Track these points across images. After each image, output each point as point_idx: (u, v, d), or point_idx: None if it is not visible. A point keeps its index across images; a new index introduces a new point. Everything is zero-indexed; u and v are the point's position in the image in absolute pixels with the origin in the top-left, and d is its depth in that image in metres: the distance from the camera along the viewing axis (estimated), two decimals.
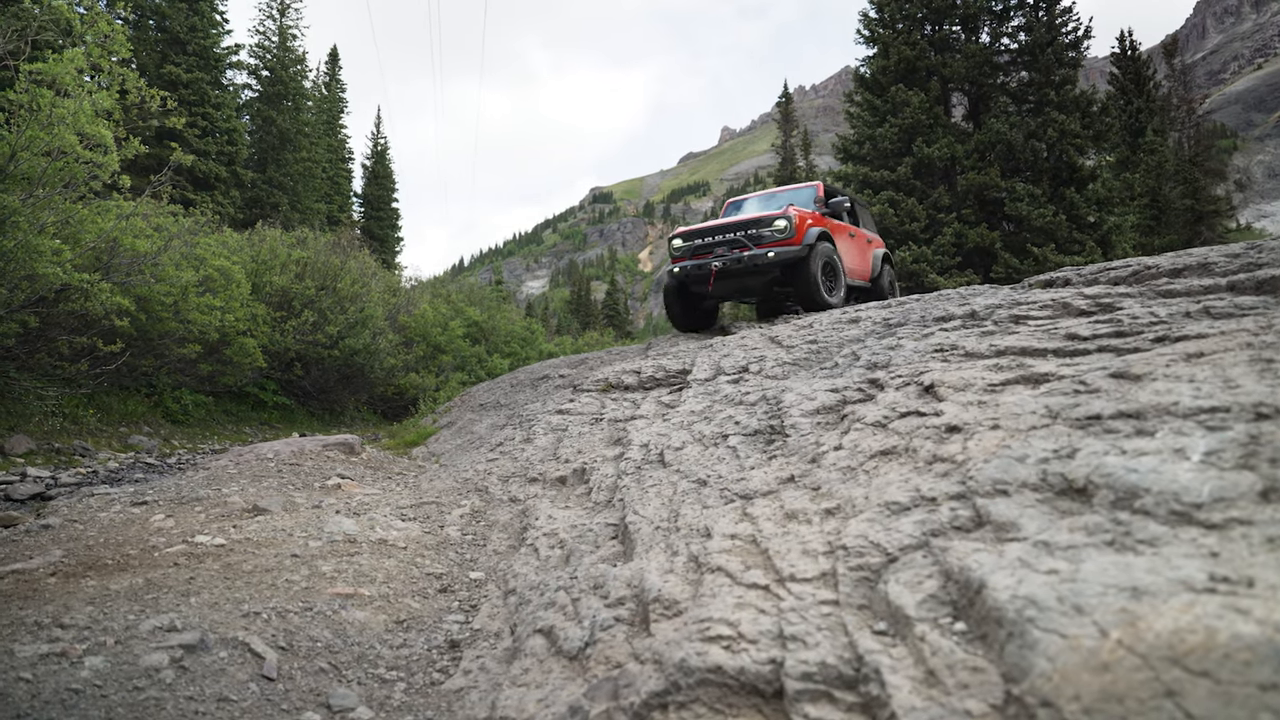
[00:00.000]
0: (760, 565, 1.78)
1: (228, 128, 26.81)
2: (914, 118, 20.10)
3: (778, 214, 8.02)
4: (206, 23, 25.92)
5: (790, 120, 41.72)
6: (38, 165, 6.83)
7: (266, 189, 30.03)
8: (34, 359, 8.38)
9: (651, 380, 5.66)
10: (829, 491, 2.08)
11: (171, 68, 24.10)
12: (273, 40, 32.95)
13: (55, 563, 2.76)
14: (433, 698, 2.07)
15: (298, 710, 1.89)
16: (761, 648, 1.42)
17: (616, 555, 2.55)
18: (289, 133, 31.42)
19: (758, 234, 8.03)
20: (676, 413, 4.25)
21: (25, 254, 7.10)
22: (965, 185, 19.57)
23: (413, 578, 2.91)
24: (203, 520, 3.76)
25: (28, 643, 1.96)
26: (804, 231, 7.97)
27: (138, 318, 9.43)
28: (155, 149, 8.25)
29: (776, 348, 5.11)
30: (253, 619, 2.27)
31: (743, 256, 7.88)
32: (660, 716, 1.42)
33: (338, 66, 41.38)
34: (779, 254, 7.75)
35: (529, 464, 4.55)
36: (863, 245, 10.05)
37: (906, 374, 2.85)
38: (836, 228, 8.95)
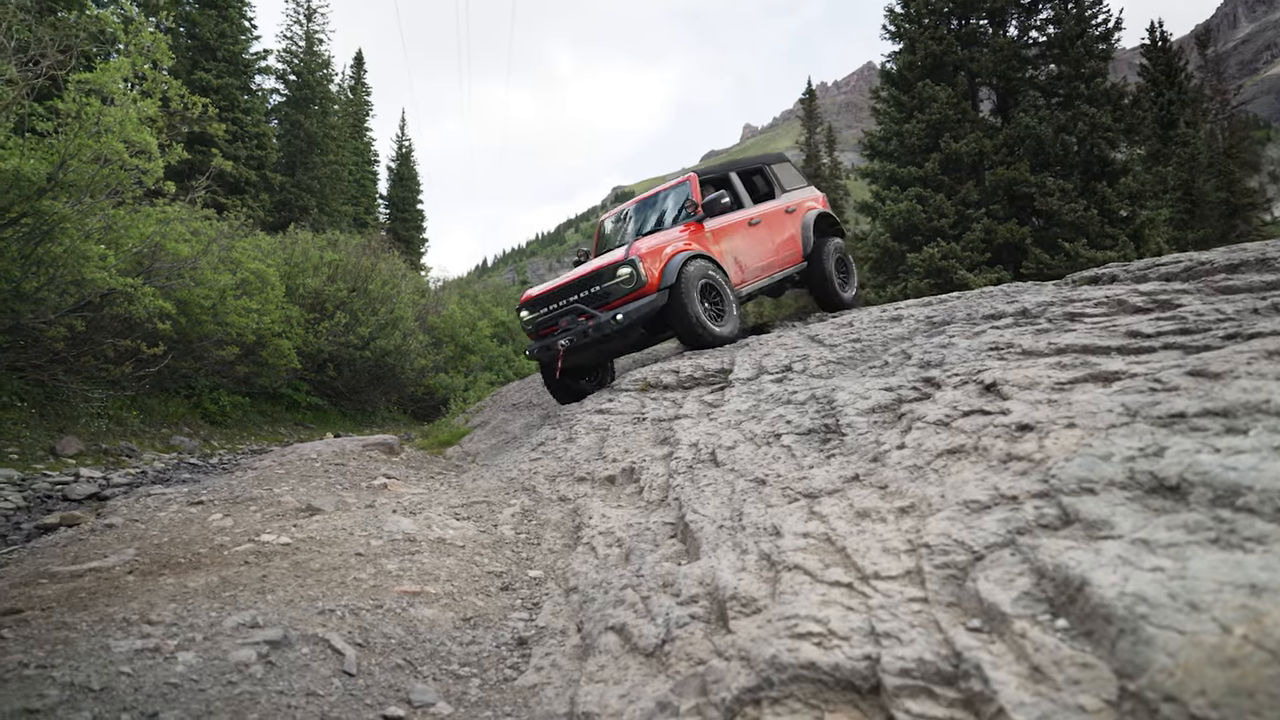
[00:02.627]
0: (840, 563, 1.80)
1: (257, 132, 27.17)
2: (941, 113, 19.94)
3: (620, 258, 6.50)
4: (235, 29, 26.27)
5: (814, 117, 41.53)
6: (86, 172, 6.97)
7: (295, 192, 30.38)
8: (81, 362, 8.56)
9: (690, 379, 5.67)
10: (899, 490, 2.10)
11: (202, 73, 24.44)
12: (299, 45, 33.33)
13: (130, 561, 2.84)
14: (507, 694, 2.10)
15: (380, 705, 1.93)
16: (854, 644, 1.45)
17: (679, 554, 2.57)
18: (316, 136, 31.77)
19: (603, 291, 6.60)
20: (722, 412, 4.27)
21: (74, 259, 7.26)
22: (994, 180, 19.39)
23: (474, 576, 2.96)
24: (259, 520, 3.83)
25: (121, 639, 2.02)
26: (661, 269, 6.49)
27: (178, 321, 9.60)
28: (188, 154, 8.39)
29: (819, 346, 5.11)
30: (328, 616, 2.33)
31: (587, 328, 6.47)
32: (753, 712, 1.45)
33: (362, 70, 41.76)
34: (630, 313, 6.27)
35: (575, 463, 4.59)
36: (778, 225, 8.25)
37: (964, 372, 2.85)
38: (723, 230, 7.50)
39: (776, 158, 9.21)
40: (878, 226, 21.70)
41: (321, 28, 34.36)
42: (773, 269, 8.02)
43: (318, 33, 34.11)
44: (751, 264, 7.71)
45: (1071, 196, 18.50)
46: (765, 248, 7.94)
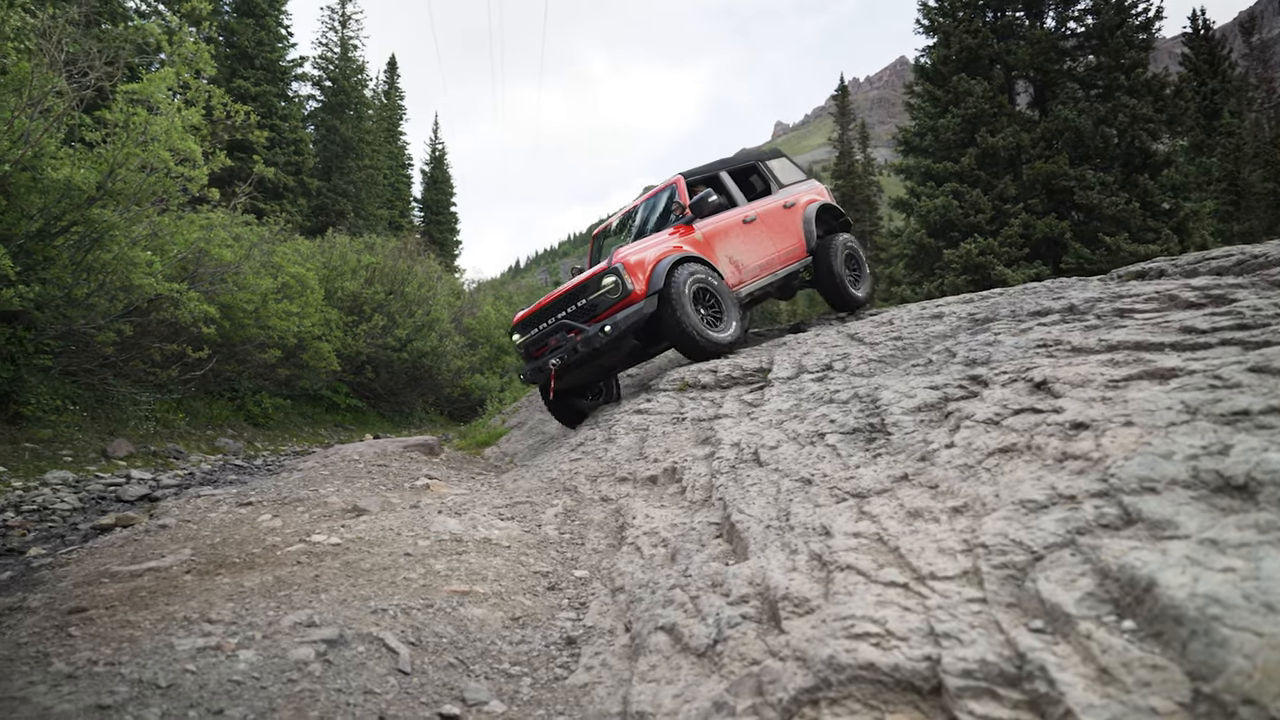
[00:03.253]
0: (894, 563, 1.79)
1: (294, 138, 27.62)
2: (977, 107, 19.70)
3: (603, 268, 6.26)
4: (273, 37, 26.73)
5: (846, 113, 41.22)
6: (133, 181, 7.14)
7: (332, 197, 30.83)
8: (129, 366, 8.77)
9: (729, 379, 5.66)
10: (951, 490, 2.08)
11: (241, 81, 24.90)
12: (334, 51, 33.83)
13: (187, 561, 2.91)
14: (559, 693, 2.12)
15: (435, 703, 1.96)
16: (913, 645, 1.44)
17: (726, 554, 2.57)
18: (352, 141, 32.22)
19: (590, 304, 6.36)
20: (763, 411, 4.26)
21: (122, 266, 7.44)
22: (1032, 175, 19.10)
23: (520, 576, 2.98)
24: (308, 520, 3.90)
25: (184, 637, 2.07)
26: (648, 275, 6.20)
27: (222, 325, 9.80)
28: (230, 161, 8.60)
29: (859, 345, 5.07)
30: (381, 615, 2.36)
31: (576, 344, 6.17)
32: (811, 712, 1.45)
33: (396, 75, 42.25)
34: (619, 324, 5.99)
35: (615, 463, 4.61)
36: (775, 221, 7.87)
37: (1012, 370, 2.82)
38: (715, 230, 7.16)
39: (771, 153, 8.84)
40: (913, 223, 21.49)
41: (356, 34, 34.85)
42: (773, 267, 7.65)
43: (352, 39, 34.60)
44: (749, 263, 7.36)
45: (1112, 189, 18.17)
46: (763, 246, 7.58)
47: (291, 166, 27.40)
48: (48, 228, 7.08)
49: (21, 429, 7.31)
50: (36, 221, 6.94)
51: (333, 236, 17.41)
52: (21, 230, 6.85)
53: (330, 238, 17.25)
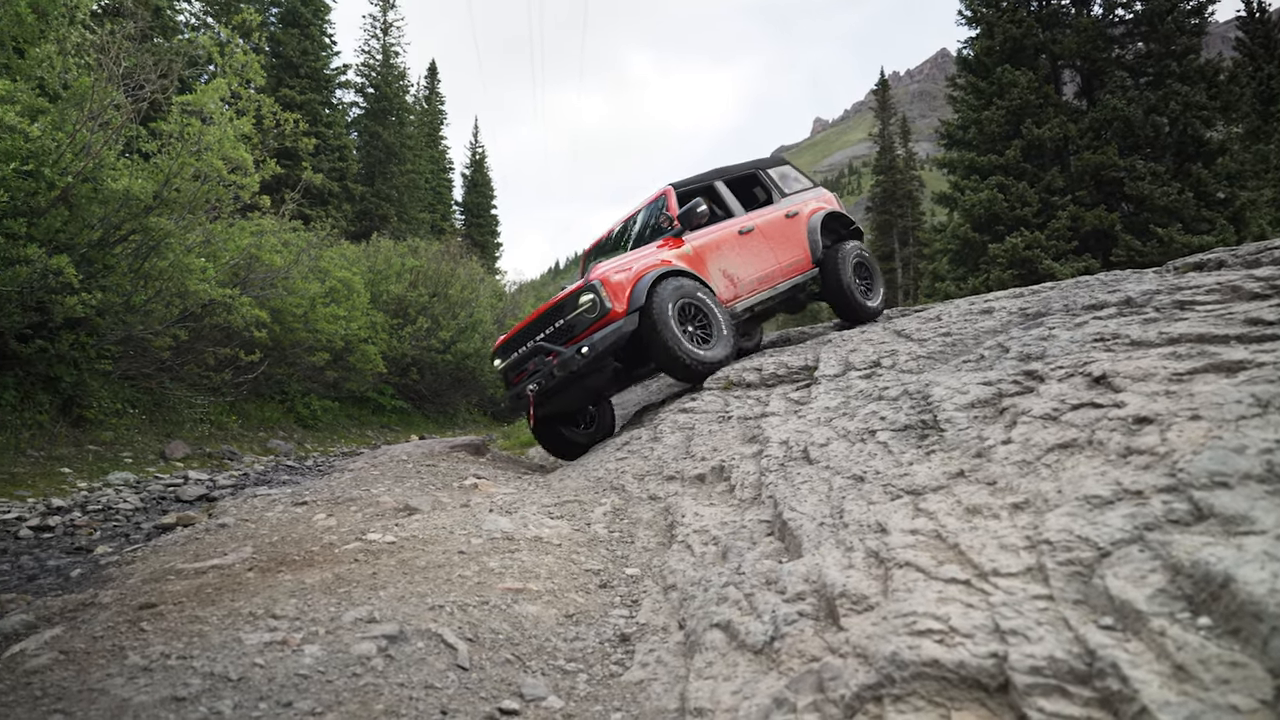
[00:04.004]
0: (954, 560, 1.77)
1: (338, 145, 28.11)
2: (1022, 98, 19.36)
3: (580, 286, 5.95)
4: (316, 46, 27.24)
5: (887, 107, 40.74)
6: (188, 190, 7.33)
7: (375, 201, 31.31)
8: (185, 370, 9.01)
9: (774, 377, 5.64)
10: (1009, 486, 2.05)
11: (286, 90, 25.41)
12: (376, 59, 34.35)
13: (249, 559, 2.98)
14: (615, 689, 2.13)
15: (495, 698, 1.99)
16: (979, 642, 1.43)
17: (778, 552, 2.57)
18: (394, 147, 32.69)
19: (567, 324, 6.00)
20: (810, 409, 4.24)
21: (178, 273, 7.65)
22: (1080, 166, 18.71)
23: (572, 573, 3.01)
24: (361, 519, 3.97)
25: (250, 632, 2.13)
26: (629, 292, 5.85)
27: (273, 328, 10.01)
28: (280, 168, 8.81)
29: (906, 341, 5.02)
30: (438, 612, 2.40)
31: (553, 368, 5.82)
32: (875, 709, 1.44)
33: (436, 80, 42.77)
34: (596, 344, 5.63)
35: (662, 462, 4.62)
36: (776, 232, 7.47)
37: (1069, 365, 2.77)
38: (707, 243, 6.80)
39: (773, 161, 8.43)
40: (957, 217, 21.19)
41: (397, 41, 35.36)
42: (774, 280, 7.25)
43: (394, 46, 35.11)
44: (746, 276, 6.97)
45: (1164, 180, 17.72)
46: (762, 258, 7.19)
47: (336, 173, 27.89)
48: (107, 236, 7.31)
49: (85, 431, 7.55)
50: (97, 231, 7.17)
51: (377, 241, 17.69)
52: (83, 239, 7.08)
53: (375, 242, 17.52)
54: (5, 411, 6.82)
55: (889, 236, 43.07)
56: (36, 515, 4.93)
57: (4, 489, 5.61)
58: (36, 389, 7.29)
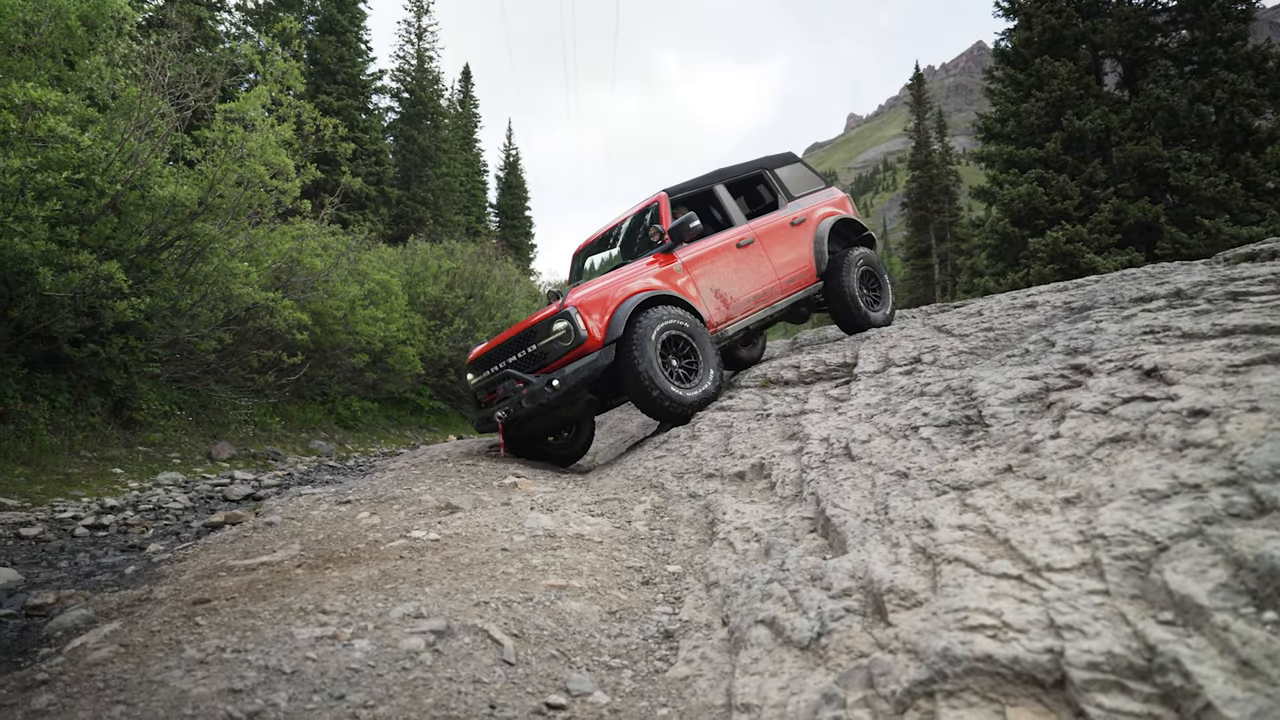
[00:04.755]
0: (1005, 555, 1.75)
1: (375, 149, 28.48)
2: (1062, 89, 19.00)
3: (554, 311, 5.50)
4: (353, 52, 27.63)
5: (922, 102, 40.27)
6: (231, 195, 7.48)
7: (411, 205, 31.68)
8: (229, 372, 9.19)
9: (812, 375, 5.61)
10: (1060, 481, 2.02)
11: (324, 97, 25.79)
12: (411, 64, 34.74)
13: (297, 556, 3.03)
14: (660, 685, 2.13)
15: (541, 693, 2.00)
16: (1033, 637, 1.41)
17: (822, 548, 2.55)
18: (429, 150, 33.04)
19: (540, 350, 5.59)
20: (850, 406, 4.21)
21: (222, 277, 7.81)
22: (1122, 157, 18.32)
23: (614, 571, 3.02)
24: (404, 517, 4.02)
25: (302, 627, 2.16)
26: (606, 320, 5.44)
27: (314, 331, 10.17)
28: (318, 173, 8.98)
29: (947, 337, 4.96)
30: (483, 608, 2.42)
31: (521, 399, 5.42)
32: (927, 705, 1.43)
33: (470, 84, 43.14)
34: (568, 378, 5.26)
35: (701, 460, 4.61)
36: (779, 242, 6.89)
37: (1118, 358, 2.72)
38: (700, 258, 6.30)
39: (782, 159, 7.75)
40: (995, 212, 20.88)
41: (431, 45, 35.74)
42: (772, 298, 6.71)
43: (428, 51, 35.48)
44: (741, 295, 6.46)
45: (1210, 170, 17.28)
46: (760, 273, 6.65)
47: (373, 177, 28.26)
48: (154, 242, 7.48)
49: (135, 433, 7.74)
50: (144, 237, 7.35)
51: (414, 244, 17.90)
52: (132, 245, 7.26)
53: (412, 245, 17.73)
54: (60, 414, 7.02)
55: (925, 232, 42.57)
56: (91, 514, 5.06)
57: (60, 489, 5.77)
58: (89, 392, 7.49)
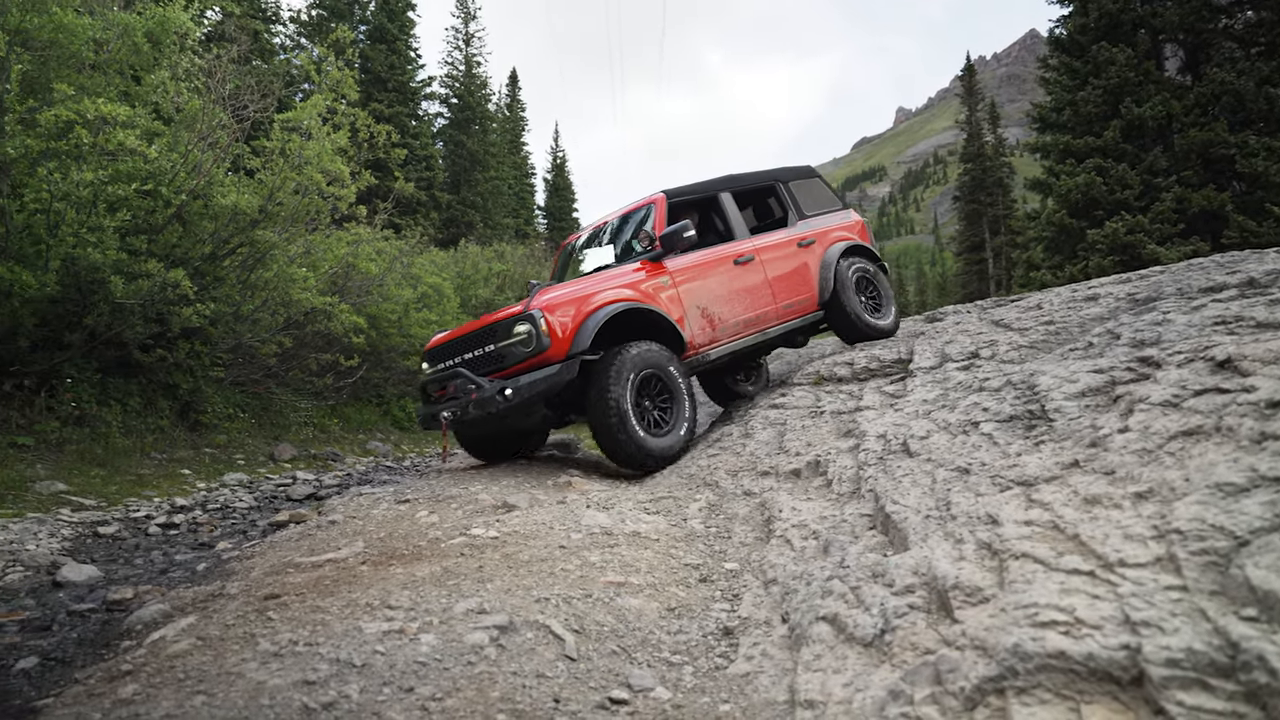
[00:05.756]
0: (1075, 551, 1.71)
1: (425, 155, 28.95)
2: (1120, 76, 18.48)
3: (518, 312, 4.96)
4: (403, 60, 28.12)
5: (974, 93, 39.51)
6: (290, 203, 7.68)
7: (461, 209, 32.12)
8: (289, 375, 9.43)
9: (866, 371, 5.55)
10: (1130, 475, 1.97)
11: (375, 104, 26.27)
12: (459, 69, 35.22)
13: (361, 553, 3.11)
14: (721, 681, 2.14)
15: (604, 688, 2.02)
16: (1108, 633, 1.38)
17: (882, 545, 2.53)
18: (478, 154, 33.47)
19: (498, 352, 5.04)
20: (907, 402, 4.16)
21: (282, 282, 8.01)
22: (1185, 144, 17.74)
23: (672, 568, 3.02)
24: (461, 515, 4.08)
25: (369, 621, 2.22)
26: (574, 329, 4.91)
27: (369, 334, 10.38)
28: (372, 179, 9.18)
29: (1006, 331, 4.87)
30: (544, 604, 2.45)
31: (469, 404, 4.92)
32: (997, 702, 1.41)
33: (517, 87, 43.55)
34: (522, 389, 4.70)
35: (755, 458, 4.60)
36: (782, 263, 6.39)
37: (1188, 350, 2.64)
38: (691, 270, 5.76)
39: (798, 171, 7.19)
40: (1051, 204, 20.38)
41: (479, 51, 36.23)
42: (765, 322, 6.17)
43: (475, 56, 35.96)
44: (731, 316, 5.92)
45: None
46: (756, 295, 6.12)
47: (423, 182, 28.72)
48: (217, 250, 7.72)
49: (201, 435, 7.99)
50: (208, 245, 7.58)
51: (464, 247, 18.16)
52: (196, 253, 7.50)
53: (462, 248, 17.99)
54: (131, 417, 7.28)
55: (978, 226, 41.74)
56: (163, 513, 5.24)
57: (133, 489, 5.99)
58: (158, 396, 7.75)
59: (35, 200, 5.73)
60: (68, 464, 6.25)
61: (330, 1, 27.25)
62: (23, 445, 6.10)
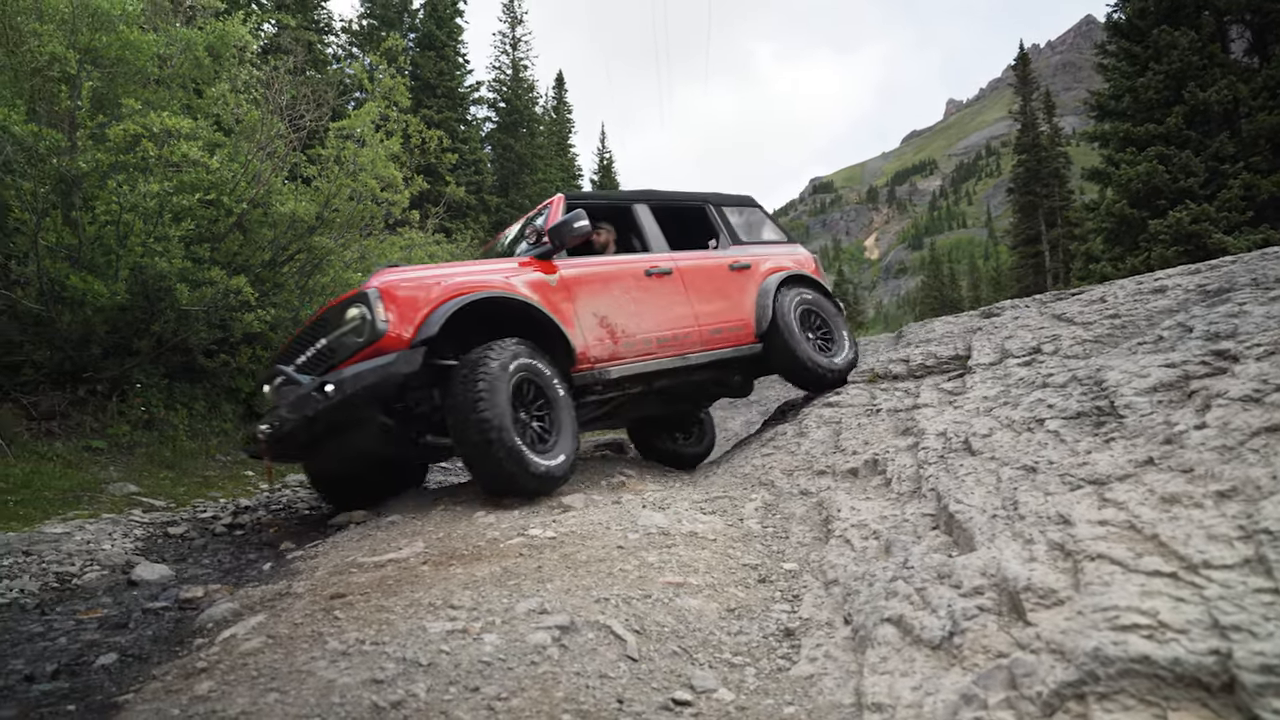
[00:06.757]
0: (1155, 552, 1.66)
1: (474, 159, 29.28)
2: (1183, 60, 17.90)
3: (352, 293, 4.12)
4: (451, 66, 28.50)
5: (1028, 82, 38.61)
6: (345, 209, 7.83)
7: (509, 212, 32.41)
8: None
9: (922, 368, 5.46)
10: (1211, 473, 1.90)
11: (425, 110, 26.66)
12: (507, 73, 35.57)
13: (421, 553, 3.15)
14: (784, 683, 2.11)
15: (666, 689, 2.01)
16: (1195, 638, 1.33)
17: (946, 545, 2.48)
18: (525, 157, 33.76)
19: (329, 346, 4.18)
20: (966, 399, 4.08)
21: (338, 287, 8.17)
22: (1253, 129, 17.12)
23: (730, 568, 3.01)
24: (518, 515, 4.11)
25: (433, 621, 2.24)
26: (420, 317, 4.01)
27: None
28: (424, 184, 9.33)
29: (1068, 325, 4.74)
30: (604, 604, 2.45)
31: (283, 410, 3.99)
32: (1077, 707, 1.37)
33: (563, 90, 43.80)
34: (345, 385, 3.74)
35: (811, 457, 4.55)
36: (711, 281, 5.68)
37: (1267, 342, 2.54)
38: (589, 276, 4.97)
39: (735, 199, 6.56)
40: (1111, 194, 19.82)
41: (526, 55, 36.54)
42: (688, 345, 5.35)
43: (522, 60, 36.29)
44: (640, 331, 5.08)
45: None
46: (675, 313, 5.33)
47: (472, 186, 29.06)
48: (276, 257, 7.92)
49: None
50: (267, 252, 7.78)
51: None
52: (256, 260, 7.70)
53: None
54: (197, 421, 7.49)
55: (1034, 218, 40.74)
56: (228, 514, 5.38)
57: (200, 490, 6.17)
58: (221, 400, 7.97)
59: (106, 212, 5.94)
60: (138, 466, 6.45)
61: (380, 11, 27.73)
62: (96, 448, 6.32)
